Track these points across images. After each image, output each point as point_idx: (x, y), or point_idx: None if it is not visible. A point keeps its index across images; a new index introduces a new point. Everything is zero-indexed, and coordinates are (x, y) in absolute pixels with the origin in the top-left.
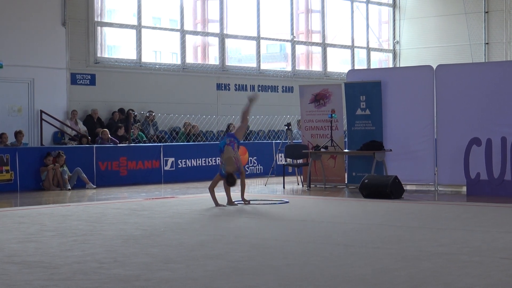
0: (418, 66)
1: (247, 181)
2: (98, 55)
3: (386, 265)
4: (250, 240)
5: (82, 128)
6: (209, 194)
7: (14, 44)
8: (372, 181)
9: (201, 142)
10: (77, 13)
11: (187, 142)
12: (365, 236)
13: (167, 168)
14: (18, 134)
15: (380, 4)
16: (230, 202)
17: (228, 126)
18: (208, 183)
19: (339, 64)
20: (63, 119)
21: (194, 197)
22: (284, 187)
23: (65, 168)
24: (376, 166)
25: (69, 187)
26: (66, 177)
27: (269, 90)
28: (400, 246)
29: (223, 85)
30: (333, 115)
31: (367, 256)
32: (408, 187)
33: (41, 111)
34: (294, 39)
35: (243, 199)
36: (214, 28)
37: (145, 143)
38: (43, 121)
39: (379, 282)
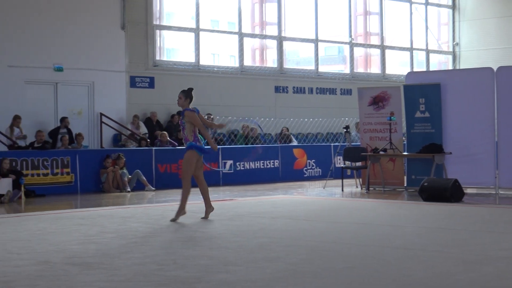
0: (478, 68)
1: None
2: (156, 58)
3: (446, 269)
4: (309, 243)
5: (144, 131)
6: (266, 197)
7: (74, 48)
8: (431, 184)
9: (260, 145)
10: (136, 16)
11: (245, 144)
12: (424, 239)
13: (226, 170)
14: (78, 136)
15: (439, 5)
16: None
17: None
18: (267, 186)
19: (398, 66)
20: (124, 122)
21: (253, 200)
22: (342, 190)
23: (125, 171)
24: (436, 169)
25: (129, 189)
26: (126, 179)
27: (327, 92)
28: (460, 250)
29: (281, 88)
30: (392, 117)
31: (427, 259)
32: (468, 190)
33: (101, 114)
34: (352, 41)
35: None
36: (272, 30)
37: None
38: (102, 124)
39: (439, 286)
